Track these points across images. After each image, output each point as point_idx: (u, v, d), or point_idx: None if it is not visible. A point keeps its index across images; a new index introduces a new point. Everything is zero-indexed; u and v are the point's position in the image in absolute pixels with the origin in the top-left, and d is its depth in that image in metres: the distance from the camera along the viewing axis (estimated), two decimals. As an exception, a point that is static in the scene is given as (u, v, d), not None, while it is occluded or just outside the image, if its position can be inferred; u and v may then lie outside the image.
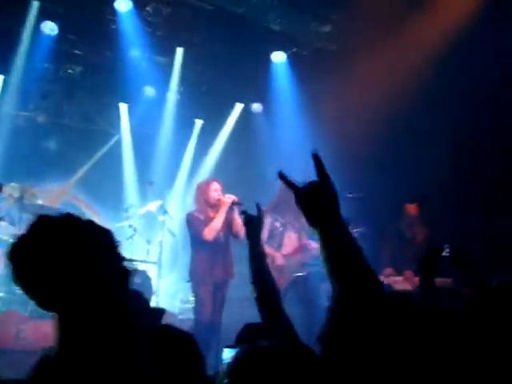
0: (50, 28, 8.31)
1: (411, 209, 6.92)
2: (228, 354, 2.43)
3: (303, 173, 1.77)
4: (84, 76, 9.53)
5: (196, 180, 9.24)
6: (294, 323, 2.39)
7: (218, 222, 6.02)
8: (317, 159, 1.62)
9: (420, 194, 7.06)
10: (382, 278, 6.37)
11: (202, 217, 6.18)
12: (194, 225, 6.17)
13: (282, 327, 2.13)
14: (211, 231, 6.00)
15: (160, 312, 3.10)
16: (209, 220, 6.12)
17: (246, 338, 2.64)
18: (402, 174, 7.49)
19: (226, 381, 1.54)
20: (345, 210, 1.75)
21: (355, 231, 6.52)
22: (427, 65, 6.94)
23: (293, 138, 8.85)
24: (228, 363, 1.60)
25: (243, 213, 2.75)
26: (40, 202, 8.30)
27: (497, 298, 2.63)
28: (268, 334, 2.06)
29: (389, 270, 6.62)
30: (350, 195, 6.34)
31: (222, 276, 6.07)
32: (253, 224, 2.67)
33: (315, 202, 1.59)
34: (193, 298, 6.33)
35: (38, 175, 7.82)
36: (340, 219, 1.57)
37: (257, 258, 2.55)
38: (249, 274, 2.53)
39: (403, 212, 6.95)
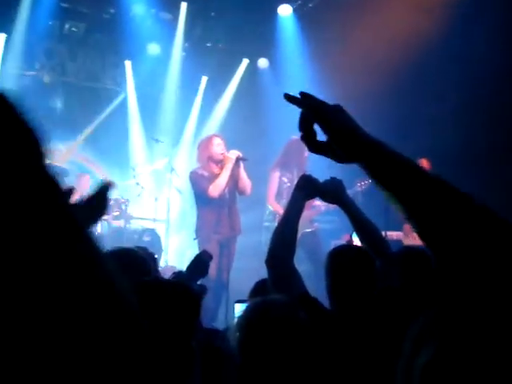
0: (52, -16, 8.18)
1: (424, 163, 6.83)
2: (239, 309, 2.44)
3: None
4: (88, 34, 9.44)
5: (202, 137, 9.22)
6: (304, 278, 2.39)
7: (223, 178, 5.97)
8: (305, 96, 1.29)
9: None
10: (391, 234, 6.36)
11: (206, 174, 6.10)
12: (198, 182, 6.11)
13: (293, 283, 2.11)
14: (216, 188, 5.95)
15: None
16: (214, 176, 6.05)
17: (258, 293, 2.62)
18: (407, 129, 7.41)
19: (237, 334, 1.56)
20: (351, 175, 1.70)
21: (365, 183, 6.49)
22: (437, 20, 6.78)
23: (299, 92, 8.75)
24: (238, 317, 1.62)
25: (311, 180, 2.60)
26: (47, 161, 8.30)
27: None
28: (278, 290, 2.06)
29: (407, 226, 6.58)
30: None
31: (229, 232, 6.02)
32: (310, 184, 2.53)
33: (343, 119, 1.21)
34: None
35: (44, 135, 7.78)
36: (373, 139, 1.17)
37: (290, 217, 2.38)
38: (271, 240, 2.35)
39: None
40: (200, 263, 2.69)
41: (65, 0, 8.57)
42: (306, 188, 2.49)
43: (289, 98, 1.28)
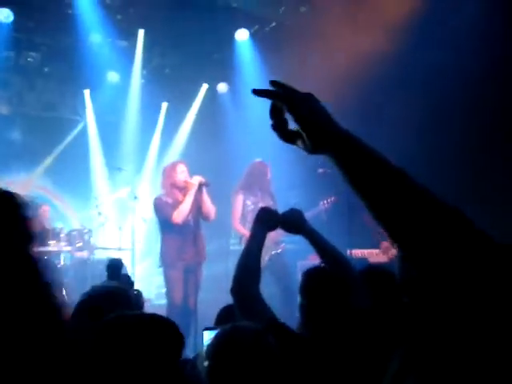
0: (5, 16, 8.08)
1: None
2: (208, 336, 2.41)
3: (271, 150, 1.69)
4: (45, 63, 9.36)
5: (164, 163, 9.18)
6: (271, 301, 2.38)
7: (186, 204, 5.96)
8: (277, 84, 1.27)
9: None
10: (356, 252, 6.38)
11: (170, 200, 6.10)
12: (161, 209, 6.09)
13: (257, 310, 2.09)
14: (180, 214, 5.93)
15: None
16: (177, 203, 6.05)
17: (225, 319, 2.61)
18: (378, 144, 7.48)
19: (207, 362, 1.54)
20: (318, 186, 1.72)
21: (328, 201, 6.52)
22: (390, 39, 6.91)
23: (259, 117, 8.80)
24: (208, 345, 1.60)
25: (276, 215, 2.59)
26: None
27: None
28: (244, 316, 2.04)
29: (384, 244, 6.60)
30: (321, 171, 6.30)
31: (194, 259, 5.96)
32: (269, 217, 2.53)
33: (314, 108, 1.21)
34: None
35: (2, 166, 7.67)
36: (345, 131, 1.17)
37: (253, 249, 2.42)
38: (235, 269, 2.36)
39: None
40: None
41: (19, 30, 8.47)
42: (266, 220, 2.52)
43: (257, 91, 1.24)
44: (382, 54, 6.94)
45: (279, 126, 1.24)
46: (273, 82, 1.25)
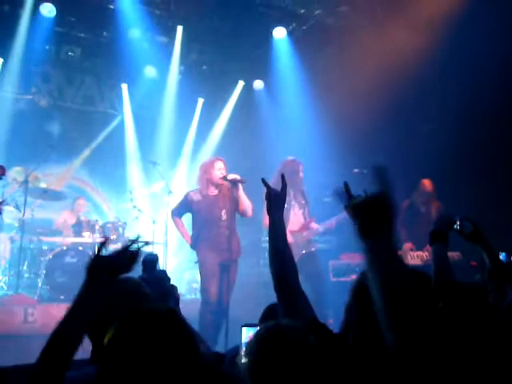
0: (48, 10, 8.24)
1: (427, 184, 6.80)
2: (246, 333, 2.41)
3: (306, 148, 1.69)
4: (84, 58, 9.50)
5: (199, 159, 9.23)
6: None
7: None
8: (379, 170, 1.53)
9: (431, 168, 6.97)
10: (402, 253, 6.31)
11: (198, 197, 6.17)
12: (178, 206, 6.39)
13: (301, 306, 2.07)
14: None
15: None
16: (209, 198, 6.11)
17: (269, 318, 2.58)
18: (410, 147, 7.42)
19: (245, 359, 1.54)
20: (353, 186, 1.72)
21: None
22: (432, 37, 6.82)
23: (294, 113, 8.81)
24: (249, 342, 1.59)
25: (266, 186, 2.56)
26: (44, 185, 8.31)
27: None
28: (286, 314, 2.03)
29: (407, 245, 6.59)
30: (357, 171, 6.26)
31: (229, 255, 5.91)
32: (274, 198, 2.51)
33: (373, 213, 1.47)
34: (199, 279, 6.29)
35: (40, 159, 7.80)
36: (392, 234, 1.46)
37: (277, 232, 2.41)
38: (268, 252, 2.39)
39: (419, 187, 6.81)
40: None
41: (61, 25, 8.62)
42: (274, 202, 2.47)
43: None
44: (420, 52, 6.88)
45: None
46: (376, 168, 1.54)
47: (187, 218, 6.43)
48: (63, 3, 8.20)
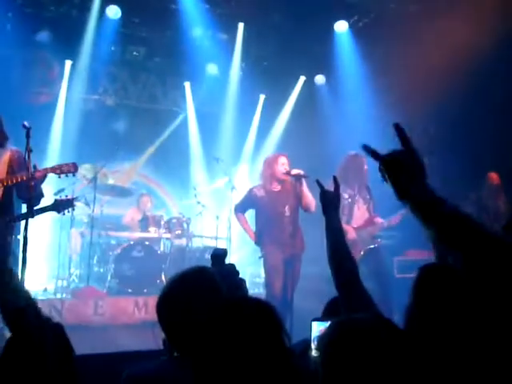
0: (113, 12, 8.49)
1: (494, 177, 6.57)
2: (317, 328, 2.42)
3: (369, 143, 1.70)
4: (148, 57, 9.72)
5: (261, 155, 9.27)
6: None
7: None
8: (399, 128, 1.62)
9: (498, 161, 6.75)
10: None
11: (261, 193, 6.19)
12: (241, 202, 6.44)
13: (361, 301, 2.07)
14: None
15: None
16: (273, 194, 6.13)
17: (332, 312, 2.60)
18: (475, 142, 7.22)
19: (317, 354, 1.56)
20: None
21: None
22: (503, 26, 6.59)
23: (357, 108, 8.72)
24: (321, 335, 1.61)
25: (320, 187, 2.60)
26: (111, 181, 8.56)
27: None
28: (348, 310, 2.03)
29: None
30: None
31: (291, 250, 5.93)
32: (328, 198, 2.54)
33: (401, 170, 1.56)
34: (263, 273, 6.33)
35: (108, 155, 8.04)
36: (427, 187, 1.53)
37: (334, 232, 2.43)
38: (326, 251, 2.42)
39: (486, 181, 6.61)
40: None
41: (125, 26, 8.86)
42: (329, 202, 2.49)
43: (367, 150, 1.66)
44: (482, 47, 6.67)
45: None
46: (397, 126, 1.63)
47: (249, 214, 6.48)
48: (127, 5, 8.43)
